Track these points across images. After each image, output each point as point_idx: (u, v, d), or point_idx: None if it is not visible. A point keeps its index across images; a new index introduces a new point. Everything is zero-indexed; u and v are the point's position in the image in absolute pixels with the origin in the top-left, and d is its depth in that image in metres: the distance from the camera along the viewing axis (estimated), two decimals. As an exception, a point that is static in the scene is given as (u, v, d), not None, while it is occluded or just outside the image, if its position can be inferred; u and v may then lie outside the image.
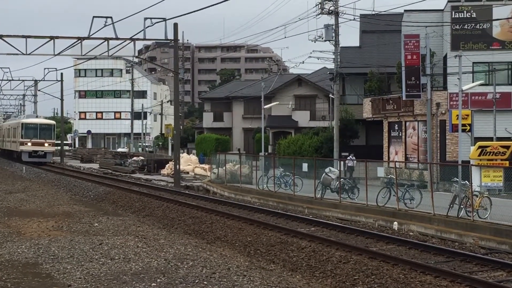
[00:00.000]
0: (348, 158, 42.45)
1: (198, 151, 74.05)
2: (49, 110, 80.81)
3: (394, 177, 29.90)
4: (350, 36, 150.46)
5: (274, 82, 71.61)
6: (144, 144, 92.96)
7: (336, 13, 43.24)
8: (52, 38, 42.08)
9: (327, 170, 33.29)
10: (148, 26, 41.46)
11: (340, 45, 45.07)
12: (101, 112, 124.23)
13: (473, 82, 37.05)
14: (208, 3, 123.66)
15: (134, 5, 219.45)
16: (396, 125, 45.61)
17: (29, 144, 64.47)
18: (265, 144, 57.13)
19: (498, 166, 32.21)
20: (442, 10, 43.93)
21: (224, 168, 44.06)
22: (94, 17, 41.19)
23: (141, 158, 63.19)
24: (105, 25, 40.92)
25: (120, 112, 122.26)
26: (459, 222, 24.58)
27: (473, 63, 40.46)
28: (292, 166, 36.83)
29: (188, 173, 53.51)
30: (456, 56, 33.24)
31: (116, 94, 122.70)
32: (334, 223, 25.02)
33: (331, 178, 32.84)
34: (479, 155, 33.90)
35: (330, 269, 17.11)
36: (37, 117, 76.22)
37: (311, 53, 46.60)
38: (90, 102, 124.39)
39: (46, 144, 65.12)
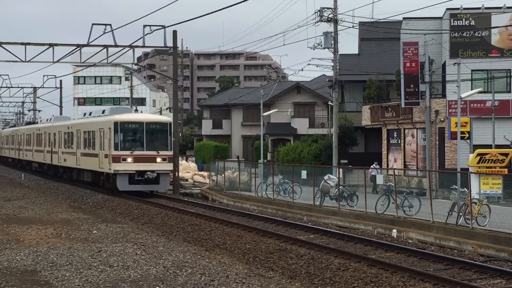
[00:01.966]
0: (372, 166, 41.06)
1: (197, 159, 74.03)
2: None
3: (393, 185, 29.90)
4: (349, 44, 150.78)
5: (273, 90, 71.64)
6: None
7: (335, 21, 43.29)
8: (51, 45, 42.10)
9: (326, 177, 33.30)
10: (147, 34, 41.53)
11: (339, 53, 45.12)
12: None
13: (472, 89, 37.07)
14: (207, 10, 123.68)
15: (133, 12, 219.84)
16: (395, 133, 45.65)
17: (130, 159, 36.77)
18: (264, 152, 57.14)
19: (497, 174, 32.22)
20: (441, 18, 44.01)
21: (223, 175, 44.05)
22: (93, 24, 41.24)
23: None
24: (104, 33, 40.97)
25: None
26: (458, 230, 24.57)
27: (472, 70, 40.50)
28: (291, 173, 36.83)
29: (187, 180, 53.48)
30: (455, 63, 33.26)
31: (115, 101, 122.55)
32: (333, 230, 25.00)
33: (330, 185, 32.84)
34: (478, 162, 33.91)
35: (329, 276, 17.09)
36: (136, 110, 52.37)
37: (310, 60, 46.71)
38: (89, 109, 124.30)
39: (158, 160, 37.30)
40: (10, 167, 73.70)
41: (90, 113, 45.68)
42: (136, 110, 54.24)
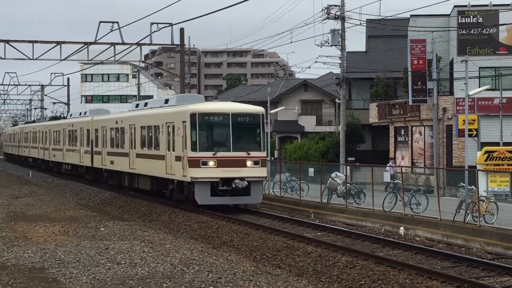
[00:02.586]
0: (388, 165, 39.12)
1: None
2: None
3: (401, 182, 29.85)
4: (356, 41, 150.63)
5: (280, 87, 71.58)
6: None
7: (342, 18, 43.24)
8: (58, 43, 42.17)
9: (333, 175, 33.25)
10: (154, 31, 41.57)
11: (346, 50, 45.07)
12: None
13: (479, 87, 37.02)
14: (214, 8, 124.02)
15: (141, 10, 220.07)
16: (403, 130, 45.58)
17: (212, 163, 28.40)
18: (271, 149, 57.12)
19: (505, 171, 32.13)
20: (448, 15, 43.91)
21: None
22: (100, 22, 41.36)
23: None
24: (112, 30, 41.05)
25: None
26: (466, 227, 24.52)
27: (480, 68, 40.43)
28: (298, 170, 36.81)
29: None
30: (463, 61, 33.22)
31: (123, 99, 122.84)
32: (340, 228, 24.99)
33: (337, 183, 32.79)
34: (486, 160, 33.82)
35: (336, 274, 17.08)
36: (216, 98, 46.69)
37: (317, 58, 46.68)
38: (97, 107, 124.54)
39: (249, 163, 28.92)
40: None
41: (146, 104, 36.82)
42: (216, 98, 47.60)
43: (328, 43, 44.09)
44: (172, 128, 30.02)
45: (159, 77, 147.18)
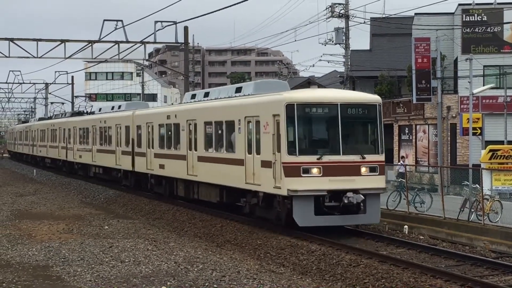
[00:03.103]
0: (400, 163, 36.65)
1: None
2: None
3: (404, 181, 29.82)
4: (361, 40, 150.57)
5: (284, 85, 71.46)
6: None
7: (346, 17, 43.24)
8: (63, 41, 42.24)
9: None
10: (158, 30, 41.63)
11: (351, 48, 45.10)
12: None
13: (483, 85, 36.92)
14: (218, 6, 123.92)
15: (145, 8, 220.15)
16: (407, 129, 45.55)
17: (316, 171, 21.56)
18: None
19: (509, 170, 32.08)
20: (452, 13, 43.85)
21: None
22: (104, 20, 41.46)
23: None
24: (116, 29, 41.12)
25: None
26: (470, 226, 24.49)
27: (484, 66, 40.36)
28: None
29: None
30: (467, 59, 33.15)
31: (127, 97, 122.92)
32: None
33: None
34: (490, 158, 33.73)
35: (340, 272, 17.08)
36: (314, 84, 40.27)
37: (321, 56, 46.73)
38: (101, 105, 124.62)
39: (363, 170, 22.19)
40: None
41: (207, 94, 29.32)
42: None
43: (332, 42, 44.13)
44: (256, 124, 23.03)
45: (163, 75, 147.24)
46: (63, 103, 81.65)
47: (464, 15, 42.11)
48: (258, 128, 23.07)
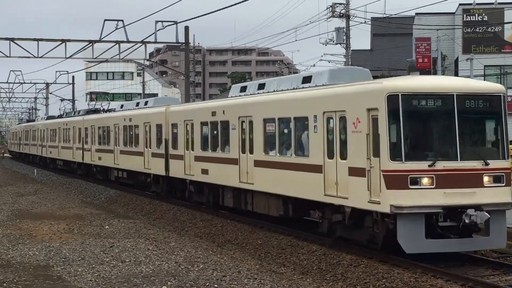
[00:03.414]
0: None
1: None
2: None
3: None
4: (361, 39, 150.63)
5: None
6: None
7: (347, 16, 43.24)
8: (63, 41, 42.29)
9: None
10: (159, 29, 41.69)
11: (351, 48, 45.06)
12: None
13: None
14: (219, 6, 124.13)
15: (145, 8, 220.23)
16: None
17: (427, 181, 16.89)
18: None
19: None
20: (453, 13, 43.89)
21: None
22: (105, 20, 41.52)
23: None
24: (116, 28, 41.18)
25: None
26: None
27: (485, 66, 40.42)
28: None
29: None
30: (468, 59, 33.23)
31: (127, 97, 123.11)
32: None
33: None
34: None
35: (340, 272, 17.07)
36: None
37: (322, 56, 46.68)
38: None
39: (487, 180, 17.36)
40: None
41: (262, 86, 24.83)
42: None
43: (333, 41, 44.12)
44: (340, 120, 18.80)
45: (164, 75, 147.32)
46: (62, 100, 76.86)
47: (464, 15, 42.17)
48: (343, 126, 18.70)
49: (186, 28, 44.61)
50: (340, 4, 43.21)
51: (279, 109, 22.16)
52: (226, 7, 27.66)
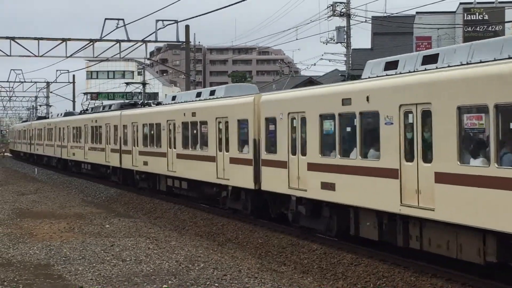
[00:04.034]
0: None
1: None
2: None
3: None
4: (362, 38, 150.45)
5: (285, 84, 71.51)
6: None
7: (348, 15, 43.25)
8: (64, 40, 42.32)
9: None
10: (159, 28, 41.70)
11: (352, 47, 45.06)
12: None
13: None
14: (219, 5, 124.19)
15: (146, 7, 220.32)
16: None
17: None
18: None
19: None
20: (454, 12, 43.89)
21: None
22: (106, 19, 41.54)
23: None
24: (117, 27, 41.20)
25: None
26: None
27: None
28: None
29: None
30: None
31: (128, 96, 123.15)
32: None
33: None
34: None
35: (341, 271, 17.08)
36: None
37: (322, 55, 46.74)
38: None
39: None
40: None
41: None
42: None
43: (334, 40, 44.15)
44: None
45: (165, 74, 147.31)
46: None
47: (465, 14, 42.18)
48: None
49: (187, 27, 44.63)
50: (340, 3, 43.24)
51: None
52: (227, 6, 27.52)
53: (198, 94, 30.17)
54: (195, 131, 28.52)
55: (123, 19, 41.36)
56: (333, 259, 18.14)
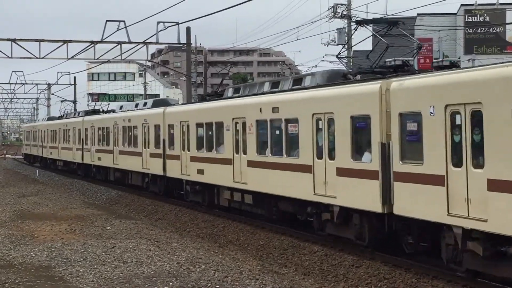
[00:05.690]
0: None
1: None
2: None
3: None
4: (362, 39, 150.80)
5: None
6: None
7: (348, 17, 43.24)
8: (65, 42, 42.34)
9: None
10: (161, 30, 41.74)
11: (353, 49, 45.06)
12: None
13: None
14: (220, 7, 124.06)
15: (147, 9, 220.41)
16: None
17: None
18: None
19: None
20: (455, 14, 43.88)
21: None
22: (107, 21, 41.54)
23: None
24: (118, 29, 41.23)
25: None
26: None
27: (487, 66, 40.39)
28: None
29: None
30: (469, 60, 33.20)
31: (129, 97, 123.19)
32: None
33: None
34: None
35: (342, 273, 17.07)
36: None
37: (323, 56, 46.79)
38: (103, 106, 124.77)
39: None
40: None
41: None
42: None
43: (335, 42, 44.16)
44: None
45: (166, 76, 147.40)
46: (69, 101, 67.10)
47: (466, 16, 42.17)
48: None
49: (188, 28, 44.67)
50: (341, 5, 43.26)
51: None
52: (228, 8, 27.51)
53: (275, 84, 23.19)
54: (277, 132, 21.65)
55: (124, 21, 41.45)
56: (334, 261, 18.13)
